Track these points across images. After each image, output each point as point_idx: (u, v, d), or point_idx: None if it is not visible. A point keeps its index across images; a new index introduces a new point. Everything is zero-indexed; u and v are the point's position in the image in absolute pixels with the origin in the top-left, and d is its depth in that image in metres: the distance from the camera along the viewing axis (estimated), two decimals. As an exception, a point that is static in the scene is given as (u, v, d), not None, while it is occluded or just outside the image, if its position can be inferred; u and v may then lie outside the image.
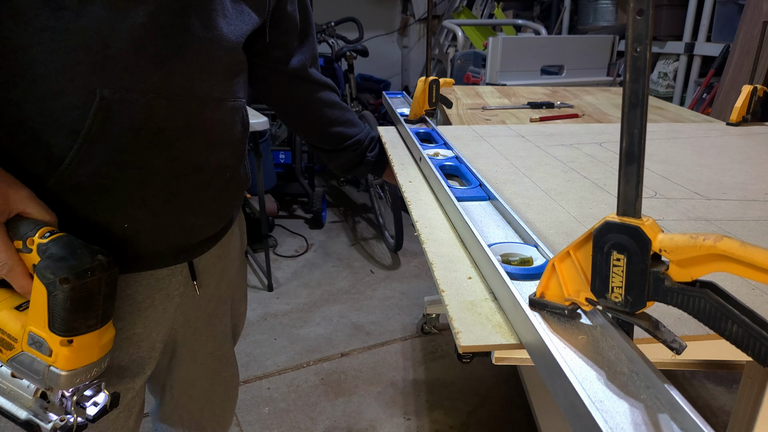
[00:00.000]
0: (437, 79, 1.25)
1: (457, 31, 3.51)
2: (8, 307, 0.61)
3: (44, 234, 0.58)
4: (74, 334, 0.58)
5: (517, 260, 0.63)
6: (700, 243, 0.37)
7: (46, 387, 0.60)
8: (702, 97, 2.58)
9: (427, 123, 1.25)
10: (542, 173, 0.96)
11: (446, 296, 0.58)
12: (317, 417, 1.88)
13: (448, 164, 0.95)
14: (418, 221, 0.78)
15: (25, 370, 0.60)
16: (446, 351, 2.25)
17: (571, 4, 3.55)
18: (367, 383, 2.05)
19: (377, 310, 2.54)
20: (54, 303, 0.56)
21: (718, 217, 0.77)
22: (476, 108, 1.64)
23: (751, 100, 1.34)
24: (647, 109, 0.39)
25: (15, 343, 0.60)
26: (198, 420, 1.05)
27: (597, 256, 0.43)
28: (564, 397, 0.41)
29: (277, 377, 2.09)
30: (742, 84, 1.42)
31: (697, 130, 1.31)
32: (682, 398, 0.38)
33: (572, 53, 2.78)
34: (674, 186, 0.90)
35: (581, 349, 0.46)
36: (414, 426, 1.85)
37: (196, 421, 1.05)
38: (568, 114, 1.57)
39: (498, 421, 1.88)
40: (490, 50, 2.67)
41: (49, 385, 0.59)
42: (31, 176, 0.63)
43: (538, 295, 0.50)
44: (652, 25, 0.37)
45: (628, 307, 0.43)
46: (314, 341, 2.31)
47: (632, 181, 0.40)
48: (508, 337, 0.51)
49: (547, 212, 0.78)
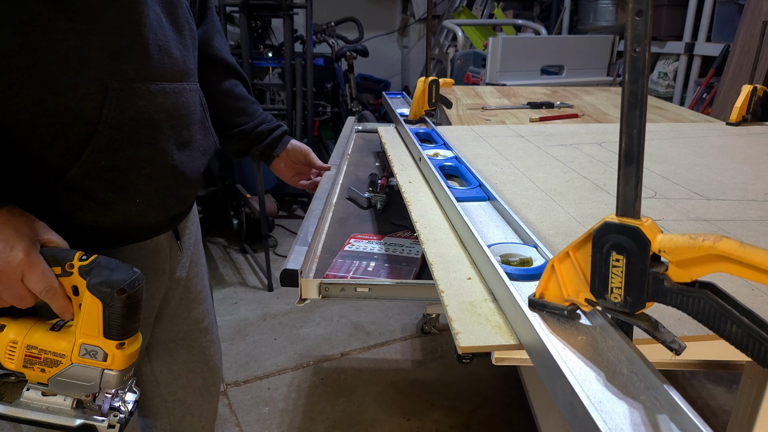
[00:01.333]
0: (437, 80, 1.25)
1: (457, 31, 3.51)
2: (43, 330, 0.68)
3: (81, 257, 0.65)
4: (126, 337, 0.66)
5: (517, 261, 0.63)
6: (699, 244, 0.37)
7: (94, 391, 0.67)
8: (702, 97, 2.58)
9: (426, 123, 1.25)
10: (542, 173, 0.96)
11: (446, 297, 0.58)
12: (317, 417, 1.88)
13: (447, 164, 0.95)
14: (418, 221, 0.78)
15: (73, 381, 0.67)
16: (446, 351, 2.25)
17: (571, 4, 3.55)
18: (367, 383, 2.05)
19: (377, 310, 2.54)
20: (111, 312, 0.64)
21: (717, 217, 0.77)
22: (476, 108, 1.64)
23: (750, 100, 1.34)
24: (646, 110, 0.39)
25: (63, 359, 0.66)
26: (182, 398, 1.05)
27: (596, 256, 0.43)
28: (563, 397, 0.41)
29: (277, 377, 2.09)
30: (742, 84, 1.42)
31: (697, 130, 1.31)
32: (681, 399, 0.38)
33: (572, 53, 2.78)
34: (674, 186, 0.90)
35: (580, 349, 0.46)
36: (414, 426, 1.85)
37: (180, 400, 1.05)
38: (567, 114, 1.57)
39: (498, 421, 1.88)
40: (490, 50, 2.67)
41: (100, 387, 0.67)
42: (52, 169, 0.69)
43: (538, 296, 0.50)
44: (651, 25, 0.37)
45: (627, 308, 0.43)
46: (314, 341, 2.31)
47: (631, 182, 0.40)
48: (507, 337, 0.51)
49: (546, 212, 0.78)
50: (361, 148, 1.59)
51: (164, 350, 1.00)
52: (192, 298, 1.02)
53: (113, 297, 0.63)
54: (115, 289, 0.63)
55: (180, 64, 0.81)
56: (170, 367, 1.01)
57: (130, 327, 0.66)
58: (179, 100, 0.81)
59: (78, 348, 0.66)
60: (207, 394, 1.10)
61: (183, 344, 1.02)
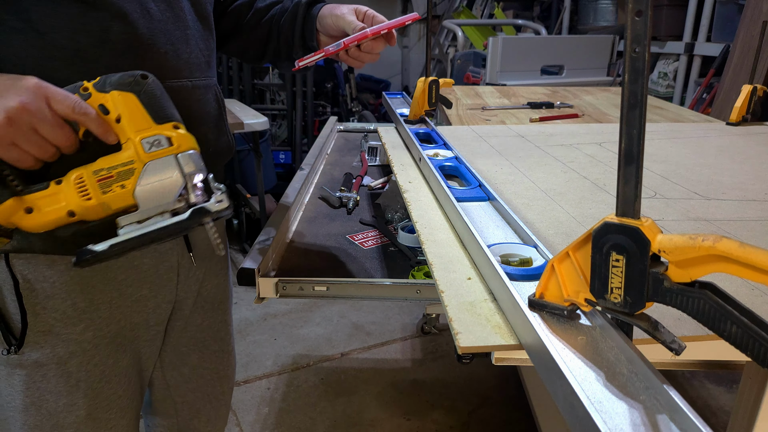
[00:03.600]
0: (437, 80, 1.25)
1: (457, 31, 3.51)
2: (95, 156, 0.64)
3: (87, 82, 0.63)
4: (175, 119, 0.65)
5: (517, 261, 0.63)
6: (699, 244, 0.37)
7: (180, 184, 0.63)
8: (702, 97, 2.58)
9: (426, 123, 1.25)
10: (542, 173, 0.96)
11: (446, 297, 0.58)
12: (317, 417, 1.89)
13: (447, 165, 0.95)
14: (418, 222, 0.78)
15: (157, 181, 0.63)
16: (446, 351, 2.25)
17: (571, 4, 3.55)
18: (367, 383, 2.05)
19: (377, 310, 2.54)
20: (148, 98, 0.63)
21: (717, 217, 0.77)
22: (476, 108, 1.64)
23: (750, 99, 1.34)
24: (646, 110, 0.39)
25: (134, 164, 0.63)
26: (191, 402, 1.05)
27: (596, 256, 0.43)
28: (563, 397, 0.41)
29: (277, 377, 2.09)
30: (742, 84, 1.42)
31: (697, 130, 1.30)
32: (681, 399, 0.38)
33: (572, 53, 2.78)
34: (674, 186, 0.90)
35: (580, 349, 0.46)
36: (414, 426, 1.85)
37: (189, 403, 1.04)
38: (567, 114, 1.57)
39: (498, 421, 1.88)
40: (490, 50, 2.67)
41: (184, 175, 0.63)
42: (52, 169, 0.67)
43: (538, 296, 0.50)
44: (651, 26, 0.37)
45: (627, 308, 0.43)
46: (314, 341, 2.31)
47: (631, 182, 0.40)
48: (507, 337, 0.51)
49: (546, 213, 0.78)
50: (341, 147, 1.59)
51: (176, 354, 0.99)
52: (207, 308, 1.00)
53: (140, 83, 0.63)
54: (135, 76, 0.63)
55: (189, 58, 0.78)
56: (181, 371, 1.01)
57: (171, 110, 0.65)
58: (189, 97, 0.79)
59: (140, 146, 0.63)
60: (216, 402, 1.09)
61: (195, 349, 1.01)
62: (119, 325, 0.84)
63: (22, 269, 0.75)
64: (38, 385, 0.80)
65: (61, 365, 0.80)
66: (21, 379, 0.79)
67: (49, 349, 0.78)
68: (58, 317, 0.77)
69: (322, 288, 0.83)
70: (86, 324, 0.80)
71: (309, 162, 1.30)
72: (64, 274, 0.76)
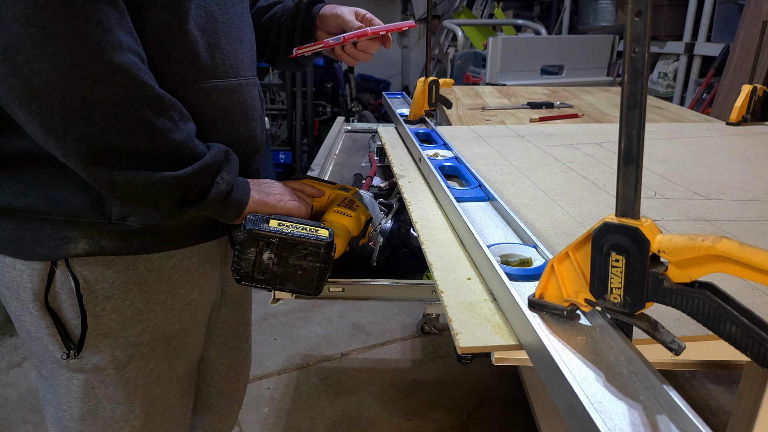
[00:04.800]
0: (437, 80, 1.25)
1: (457, 31, 3.51)
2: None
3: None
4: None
5: (517, 261, 0.63)
6: (698, 244, 0.37)
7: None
8: (702, 97, 2.58)
9: (426, 123, 1.25)
10: (542, 173, 0.96)
11: (445, 297, 0.58)
12: (317, 417, 1.89)
13: (447, 165, 0.95)
14: (418, 222, 0.78)
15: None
16: (446, 351, 2.25)
17: (571, 4, 3.55)
18: (367, 383, 2.05)
19: (377, 310, 2.54)
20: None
21: (717, 217, 0.77)
22: (476, 108, 1.64)
23: (750, 99, 1.34)
24: (646, 110, 0.39)
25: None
26: (205, 397, 1.05)
27: (596, 257, 0.43)
28: (563, 398, 0.41)
29: (277, 377, 2.09)
30: (742, 84, 1.42)
31: (696, 130, 1.30)
32: (680, 399, 0.38)
33: (572, 53, 2.78)
34: (674, 186, 0.90)
35: (580, 350, 0.46)
36: (414, 426, 1.85)
37: (203, 398, 1.05)
38: (567, 114, 1.57)
39: (498, 421, 1.88)
40: (490, 50, 2.66)
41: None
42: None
43: (537, 296, 0.50)
44: (651, 26, 0.37)
45: (627, 308, 0.43)
46: (314, 341, 2.31)
47: (631, 182, 0.40)
48: (507, 338, 0.51)
49: (546, 213, 0.78)
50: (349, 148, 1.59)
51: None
52: (230, 305, 1.01)
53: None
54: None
55: (232, 59, 0.79)
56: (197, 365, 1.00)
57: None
58: (233, 97, 0.80)
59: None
60: (229, 398, 1.09)
61: (213, 345, 1.02)
62: (173, 329, 0.84)
63: (82, 270, 0.74)
64: (96, 392, 0.79)
65: (119, 370, 0.79)
66: (80, 384, 0.79)
67: (108, 353, 0.78)
68: (117, 318, 0.77)
69: (338, 289, 0.82)
70: (144, 325, 0.79)
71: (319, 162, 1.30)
72: (122, 273, 0.76)
